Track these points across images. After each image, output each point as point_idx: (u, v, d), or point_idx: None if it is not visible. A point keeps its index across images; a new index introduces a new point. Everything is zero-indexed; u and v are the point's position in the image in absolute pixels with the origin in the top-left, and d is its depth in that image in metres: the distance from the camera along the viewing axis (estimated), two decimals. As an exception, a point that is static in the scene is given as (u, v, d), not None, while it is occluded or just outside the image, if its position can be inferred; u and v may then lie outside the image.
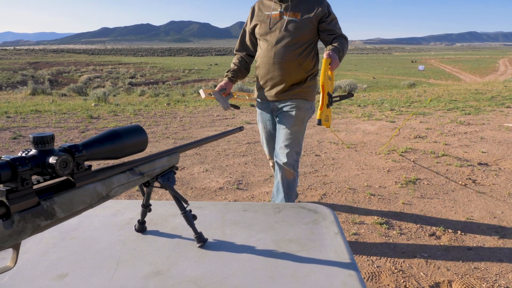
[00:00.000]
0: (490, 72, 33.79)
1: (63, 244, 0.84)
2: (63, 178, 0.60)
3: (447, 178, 3.40)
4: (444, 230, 2.45)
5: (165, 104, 8.89)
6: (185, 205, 0.84)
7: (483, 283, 1.91)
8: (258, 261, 0.77)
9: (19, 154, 0.54)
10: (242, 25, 2.42)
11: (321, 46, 2.24)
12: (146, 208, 0.89)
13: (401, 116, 6.59)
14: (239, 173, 3.63)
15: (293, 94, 2.14)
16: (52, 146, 0.56)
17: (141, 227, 0.90)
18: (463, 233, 2.41)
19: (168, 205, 1.06)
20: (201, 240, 0.83)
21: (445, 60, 58.02)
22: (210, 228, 0.92)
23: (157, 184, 0.80)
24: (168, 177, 0.81)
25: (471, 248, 2.24)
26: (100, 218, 0.97)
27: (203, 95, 2.17)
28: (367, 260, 2.12)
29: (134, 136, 0.68)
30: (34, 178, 0.56)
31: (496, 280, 1.93)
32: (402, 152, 4.26)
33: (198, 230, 0.84)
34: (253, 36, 2.24)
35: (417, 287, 1.87)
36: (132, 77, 31.70)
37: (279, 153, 2.16)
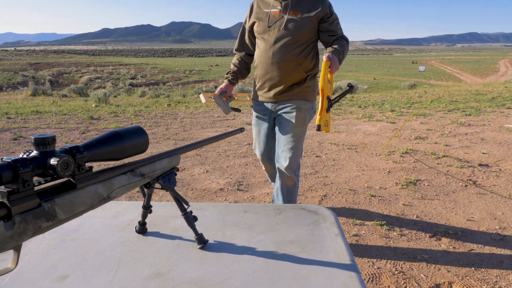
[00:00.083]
0: (491, 73, 33.74)
1: (64, 246, 0.84)
2: (64, 180, 0.61)
3: (448, 177, 3.40)
4: (445, 232, 2.44)
5: (166, 105, 8.89)
6: (186, 206, 0.84)
7: (484, 285, 1.90)
8: (259, 263, 0.78)
9: (20, 156, 0.54)
10: (243, 26, 2.28)
11: (321, 47, 2.21)
12: (147, 210, 0.89)
13: (402, 117, 6.59)
14: (240, 174, 3.63)
15: (293, 95, 2.04)
16: (53, 148, 0.56)
17: (142, 229, 0.90)
18: (464, 235, 2.41)
19: (169, 206, 1.06)
20: (202, 242, 0.84)
21: (446, 61, 58.02)
22: (211, 230, 0.92)
23: (158, 186, 0.81)
24: (169, 178, 0.81)
25: (472, 250, 2.23)
26: (101, 220, 0.98)
27: (204, 100, 2.11)
28: (368, 262, 2.12)
29: (135, 137, 0.69)
30: (35, 180, 0.56)
31: (497, 282, 1.93)
32: (403, 153, 4.26)
33: (199, 232, 0.84)
34: (252, 34, 2.17)
35: (418, 289, 1.87)
36: (133, 78, 31.70)
37: (281, 157, 2.06)
